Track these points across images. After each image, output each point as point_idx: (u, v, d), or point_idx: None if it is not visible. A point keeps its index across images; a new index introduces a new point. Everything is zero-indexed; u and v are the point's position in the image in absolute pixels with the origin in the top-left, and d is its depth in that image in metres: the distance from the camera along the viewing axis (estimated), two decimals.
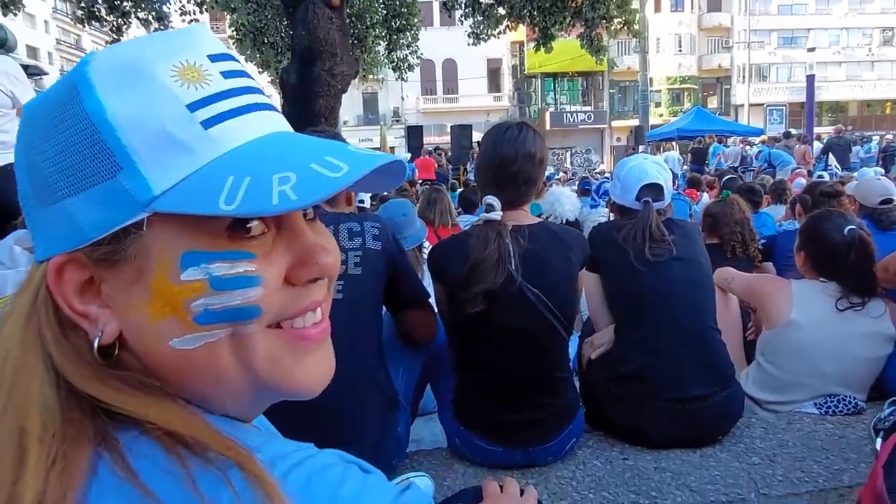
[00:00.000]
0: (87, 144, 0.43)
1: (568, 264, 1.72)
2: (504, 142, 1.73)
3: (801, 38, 35.95)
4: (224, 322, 0.45)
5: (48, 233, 0.46)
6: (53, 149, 0.44)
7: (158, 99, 0.44)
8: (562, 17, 10.15)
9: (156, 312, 0.45)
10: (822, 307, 2.11)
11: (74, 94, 0.44)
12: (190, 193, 0.43)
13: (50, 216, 0.45)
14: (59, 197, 0.44)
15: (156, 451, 0.42)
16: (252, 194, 0.41)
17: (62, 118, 0.44)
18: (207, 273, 0.44)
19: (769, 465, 1.79)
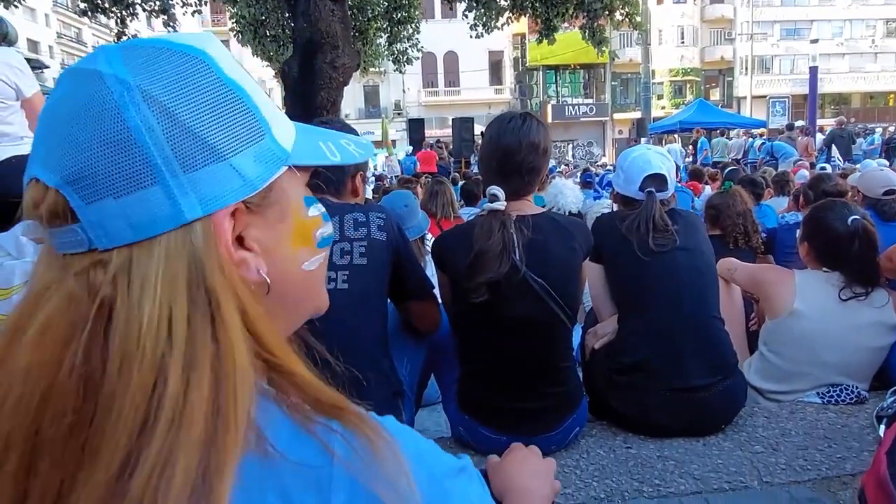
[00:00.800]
0: (238, 111, 0.51)
1: (572, 254, 1.73)
2: (508, 132, 1.73)
3: (804, 29, 35.73)
4: (327, 245, 0.61)
5: (205, 192, 0.48)
6: (217, 114, 0.50)
7: (255, 84, 0.55)
8: (564, 8, 10.12)
9: (296, 243, 0.57)
10: (826, 297, 2.12)
11: (203, 66, 0.51)
12: (305, 152, 0.57)
13: (208, 176, 0.48)
14: (225, 155, 0.49)
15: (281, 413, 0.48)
16: (342, 152, 0.60)
17: (208, 89, 0.50)
18: (319, 210, 0.60)
19: (772, 454, 1.80)
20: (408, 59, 14.86)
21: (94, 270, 0.46)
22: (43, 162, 0.47)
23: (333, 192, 1.76)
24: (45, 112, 0.49)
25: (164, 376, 0.43)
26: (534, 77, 35.84)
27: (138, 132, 0.45)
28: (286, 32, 12.58)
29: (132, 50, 0.49)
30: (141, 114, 0.46)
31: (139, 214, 0.46)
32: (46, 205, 0.47)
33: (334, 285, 1.57)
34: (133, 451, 0.41)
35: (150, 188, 0.46)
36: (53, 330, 0.44)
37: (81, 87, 0.47)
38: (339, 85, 7.79)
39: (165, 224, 0.46)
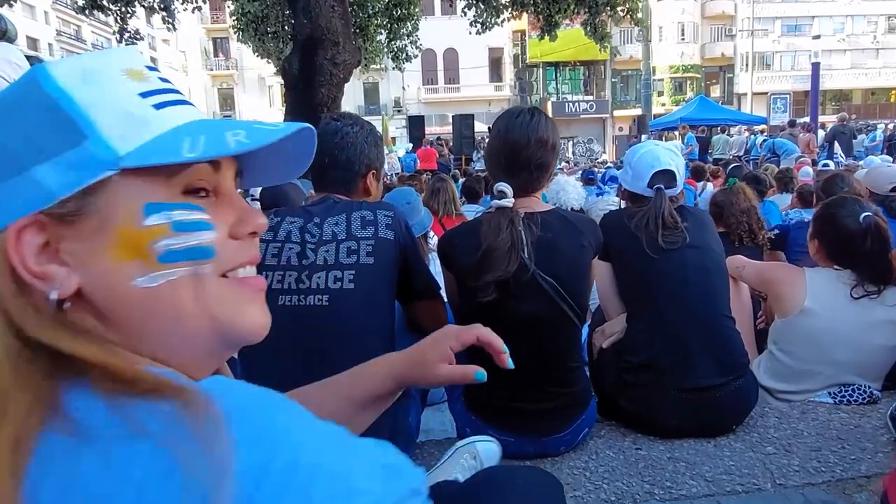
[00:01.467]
0: (53, 119, 0.50)
1: (582, 252, 1.69)
2: (516, 126, 1.70)
3: (805, 25, 35.67)
4: (184, 260, 0.53)
5: (5, 205, 0.49)
6: (18, 125, 0.50)
7: (116, 88, 0.53)
8: (566, 4, 10.06)
9: (120, 255, 0.51)
10: (837, 295, 2.08)
11: (34, 84, 0.51)
12: (153, 151, 0.51)
13: (10, 187, 0.49)
14: (25, 165, 0.49)
15: (98, 404, 0.45)
16: (210, 144, 0.52)
17: (23, 102, 0.51)
18: (169, 218, 0.52)
19: (784, 455, 1.77)
20: (407, 57, 14.81)
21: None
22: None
23: (343, 191, 1.72)
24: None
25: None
26: (534, 74, 35.78)
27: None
28: (286, 29, 12.54)
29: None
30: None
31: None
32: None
33: (341, 284, 1.54)
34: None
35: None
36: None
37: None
38: (339, 82, 7.76)
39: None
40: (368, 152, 1.73)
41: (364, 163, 1.73)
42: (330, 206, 1.65)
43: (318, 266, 1.57)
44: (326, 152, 1.69)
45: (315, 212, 1.65)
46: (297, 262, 1.57)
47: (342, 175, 1.71)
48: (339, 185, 1.71)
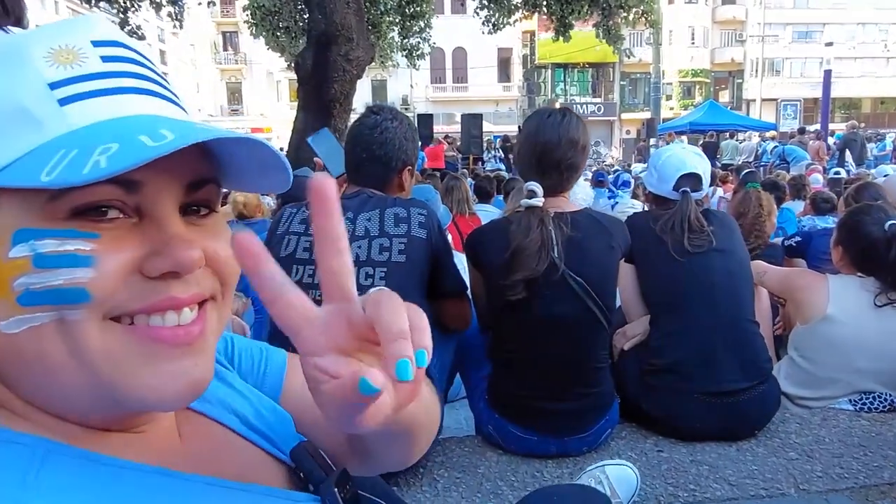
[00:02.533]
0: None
1: (610, 253, 1.70)
2: (547, 127, 1.70)
3: (816, 32, 35.56)
4: (46, 304, 0.41)
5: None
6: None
7: (22, 77, 0.43)
8: (579, 6, 10.05)
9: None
10: (860, 303, 2.08)
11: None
12: (22, 167, 0.41)
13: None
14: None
15: None
16: (70, 165, 0.39)
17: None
18: (33, 249, 0.41)
19: (807, 461, 1.77)
20: (419, 55, 14.79)
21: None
22: None
23: (379, 186, 1.72)
24: None
25: None
26: (542, 75, 35.74)
27: None
28: (299, 24, 12.54)
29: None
30: None
31: None
32: None
33: (372, 281, 1.54)
34: None
35: None
36: None
37: None
38: (352, 78, 7.75)
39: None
40: (406, 148, 1.73)
41: (401, 158, 1.73)
42: (364, 200, 1.66)
43: None
44: (364, 146, 1.68)
45: (347, 206, 1.65)
46: None
47: (379, 170, 1.71)
48: (374, 179, 1.71)
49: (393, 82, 34.82)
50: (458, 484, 1.70)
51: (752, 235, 3.11)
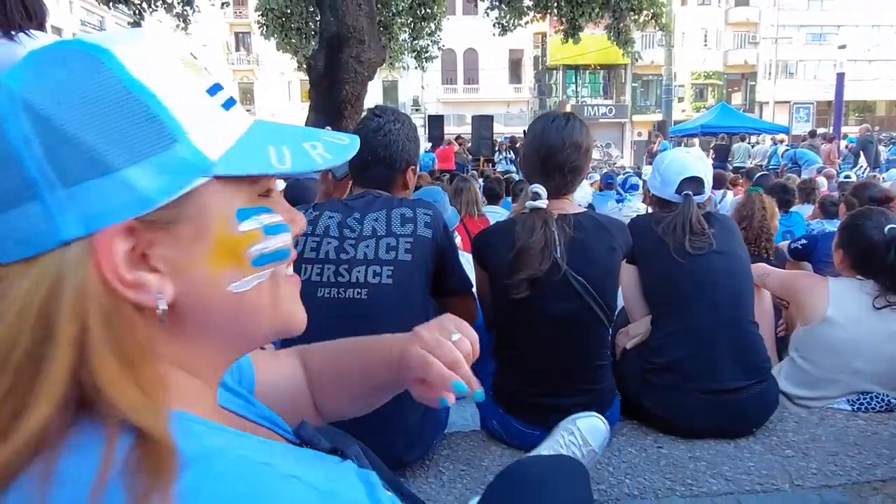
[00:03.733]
0: (138, 118, 0.46)
1: (612, 253, 1.75)
2: (552, 130, 1.76)
3: (831, 34, 35.28)
4: (271, 262, 0.54)
5: (88, 208, 0.44)
6: (97, 120, 0.45)
7: (187, 83, 0.50)
8: (590, 7, 10.08)
9: (218, 262, 0.51)
10: (859, 305, 2.12)
11: (99, 67, 0.46)
12: (241, 160, 0.51)
13: (92, 191, 0.44)
14: (116, 167, 0.45)
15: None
16: (297, 158, 0.53)
17: (91, 90, 0.45)
18: (260, 223, 0.53)
19: (803, 458, 1.81)
20: (428, 57, 14.87)
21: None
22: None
23: (384, 186, 1.78)
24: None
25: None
26: (553, 76, 35.73)
27: (17, 146, 0.43)
28: (310, 26, 12.65)
29: (37, 54, 0.47)
30: (19, 125, 0.43)
31: (22, 231, 0.44)
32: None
33: (379, 279, 1.61)
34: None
35: (28, 203, 0.44)
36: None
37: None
38: (364, 79, 7.83)
39: (42, 243, 0.44)
40: (409, 148, 1.80)
41: (404, 159, 1.79)
42: (370, 201, 1.72)
43: (357, 260, 1.63)
44: (368, 149, 1.75)
45: (355, 206, 1.72)
46: (336, 256, 1.64)
47: (384, 172, 1.77)
48: (379, 180, 1.78)
49: (404, 83, 34.93)
50: (463, 476, 1.76)
51: (762, 239, 3.14)
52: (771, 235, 3.16)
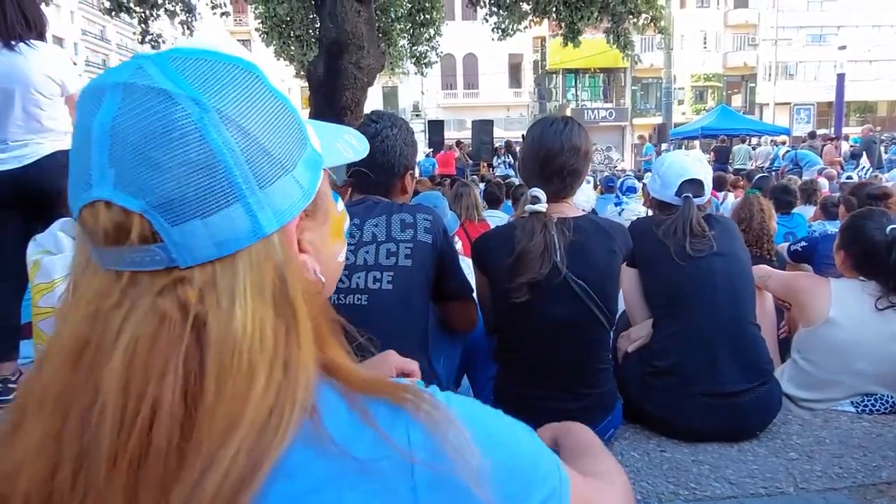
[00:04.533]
0: (291, 124, 0.54)
1: (612, 257, 1.74)
2: (550, 134, 1.76)
3: (830, 35, 35.28)
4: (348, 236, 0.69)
5: (278, 205, 0.51)
6: (278, 128, 0.52)
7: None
8: (588, 11, 10.08)
9: (334, 239, 0.63)
10: (862, 306, 2.11)
11: (257, 80, 0.52)
12: (330, 153, 0.61)
13: (278, 190, 0.51)
14: (288, 167, 0.52)
15: (340, 403, 0.50)
16: (350, 149, 0.67)
17: (267, 104, 0.52)
18: (342, 203, 0.67)
19: (807, 461, 1.80)
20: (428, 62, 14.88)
21: (181, 288, 0.47)
22: (117, 185, 0.46)
23: (383, 192, 1.78)
24: (101, 130, 0.46)
25: (252, 385, 0.46)
26: (553, 80, 35.77)
27: (221, 154, 0.47)
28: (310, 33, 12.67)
29: (183, 62, 0.49)
30: (222, 136, 0.47)
31: (223, 232, 0.47)
32: (126, 229, 0.46)
33: (379, 285, 1.60)
34: (216, 454, 0.44)
35: (232, 206, 0.48)
36: (146, 346, 0.45)
37: (149, 107, 0.46)
38: (363, 86, 7.84)
39: (247, 239, 0.49)
40: (406, 153, 1.80)
41: (402, 164, 1.79)
42: (370, 206, 1.72)
43: (357, 266, 1.63)
44: (367, 155, 1.75)
45: (354, 213, 1.71)
46: None
47: (383, 177, 1.77)
48: (378, 186, 1.77)
49: (404, 89, 34.98)
50: None
51: (763, 240, 3.13)
52: (771, 237, 3.15)
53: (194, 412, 0.44)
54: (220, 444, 0.44)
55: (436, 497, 0.47)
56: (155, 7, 11.36)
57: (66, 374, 0.47)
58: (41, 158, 2.63)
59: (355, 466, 0.46)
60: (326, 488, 0.46)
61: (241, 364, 0.46)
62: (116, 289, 0.47)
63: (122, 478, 0.43)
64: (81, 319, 0.47)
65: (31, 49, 2.63)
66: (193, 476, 0.43)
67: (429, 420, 0.49)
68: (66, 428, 0.45)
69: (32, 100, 2.62)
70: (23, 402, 0.50)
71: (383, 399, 0.50)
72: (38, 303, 1.60)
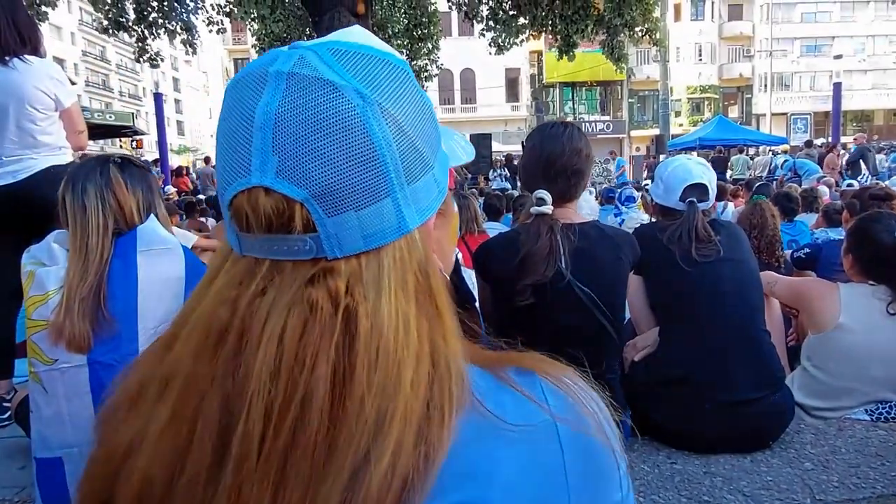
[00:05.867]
0: (434, 124, 0.54)
1: (619, 264, 1.70)
2: (551, 137, 1.74)
3: (825, 45, 35.55)
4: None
5: (421, 201, 0.51)
6: (425, 127, 0.52)
7: None
8: (584, 24, 10.15)
9: (452, 238, 0.63)
10: (872, 311, 2.06)
11: (409, 77, 0.52)
12: (451, 153, 0.61)
13: (423, 187, 0.51)
14: (431, 167, 0.52)
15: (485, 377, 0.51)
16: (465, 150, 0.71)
17: (418, 102, 0.51)
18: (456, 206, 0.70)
19: (823, 471, 1.74)
20: (427, 77, 14.97)
21: (330, 279, 0.46)
22: (280, 172, 0.46)
23: None
24: (265, 117, 0.46)
25: (400, 378, 0.45)
26: (550, 94, 35.95)
27: (380, 148, 0.47)
28: None
29: (344, 55, 0.48)
30: (382, 130, 0.47)
31: (372, 226, 0.47)
32: (284, 217, 0.46)
33: None
34: (371, 449, 0.43)
35: (384, 200, 0.47)
36: (296, 335, 0.45)
37: (316, 97, 0.46)
38: None
39: (392, 234, 0.49)
40: None
41: None
42: None
43: None
44: None
45: None
46: None
47: None
48: None
49: None
50: None
51: (775, 247, 3.10)
52: (781, 244, 3.12)
53: (342, 406, 0.44)
54: (373, 438, 0.43)
55: (579, 456, 0.49)
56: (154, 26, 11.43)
57: (202, 359, 0.47)
58: (35, 173, 2.61)
59: (507, 428, 0.47)
60: (481, 446, 0.46)
61: (389, 357, 0.45)
62: (257, 276, 0.47)
63: (271, 471, 0.42)
64: (221, 305, 0.47)
65: (25, 64, 2.61)
66: (343, 474, 0.42)
67: (557, 382, 0.52)
68: (203, 413, 0.45)
69: (27, 115, 2.59)
70: (141, 379, 0.50)
71: (514, 367, 0.52)
72: (31, 315, 1.56)
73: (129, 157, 1.77)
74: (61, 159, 2.69)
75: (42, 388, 1.51)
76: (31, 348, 1.57)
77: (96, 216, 1.55)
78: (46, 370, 1.49)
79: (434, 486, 0.43)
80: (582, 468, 0.49)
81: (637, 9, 10.23)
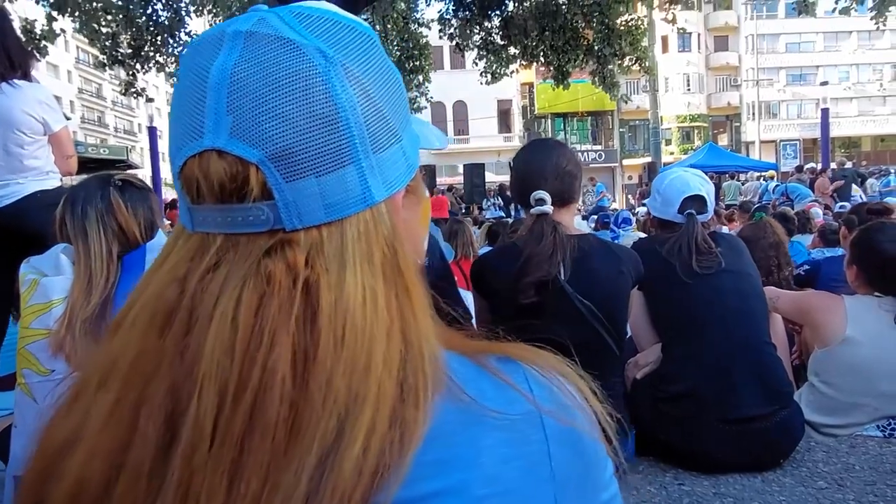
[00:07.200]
0: (402, 95, 0.51)
1: (620, 278, 1.66)
2: (535, 150, 1.78)
3: (810, 74, 36.25)
4: None
5: (387, 174, 0.47)
6: (393, 96, 0.49)
7: None
8: (575, 54, 10.29)
9: (423, 224, 0.58)
10: (879, 323, 2.01)
11: (375, 45, 0.49)
12: (421, 136, 0.56)
13: (389, 158, 0.48)
14: (399, 138, 0.49)
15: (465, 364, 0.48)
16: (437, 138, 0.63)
17: (385, 70, 0.49)
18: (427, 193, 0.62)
19: (838, 490, 1.67)
20: (418, 107, 15.13)
21: (288, 250, 0.43)
22: (233, 133, 0.42)
23: None
24: (220, 76, 0.43)
25: (371, 355, 0.42)
26: (542, 124, 36.36)
27: (344, 110, 0.44)
28: None
29: (307, 17, 0.46)
30: (346, 91, 0.44)
31: (334, 194, 0.44)
32: (238, 181, 0.42)
33: None
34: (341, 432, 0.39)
35: (347, 168, 0.44)
36: (251, 311, 0.41)
37: (274, 56, 0.43)
38: None
39: (356, 205, 0.45)
40: None
41: None
42: None
43: None
44: None
45: None
46: None
47: None
48: None
49: None
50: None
51: (787, 262, 3.06)
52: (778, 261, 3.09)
53: (305, 386, 0.40)
54: (343, 420, 0.39)
55: (565, 449, 0.46)
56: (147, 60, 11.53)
57: (148, 341, 0.43)
58: (22, 198, 2.57)
59: (489, 415, 0.44)
60: (461, 432, 0.43)
61: (357, 333, 0.42)
62: (210, 251, 0.44)
63: (227, 458, 0.38)
64: (169, 283, 0.44)
65: (13, 89, 2.59)
66: (309, 459, 0.38)
67: (542, 372, 0.49)
68: (147, 399, 0.41)
69: (14, 139, 2.56)
70: (85, 374, 0.46)
71: (496, 355, 0.49)
72: (29, 324, 1.51)
73: (128, 179, 1.74)
74: (49, 184, 2.66)
75: (32, 400, 1.45)
76: (26, 358, 1.52)
77: (98, 241, 1.50)
78: (40, 381, 1.44)
79: (412, 474, 0.40)
80: (568, 461, 0.46)
81: (626, 39, 10.39)
